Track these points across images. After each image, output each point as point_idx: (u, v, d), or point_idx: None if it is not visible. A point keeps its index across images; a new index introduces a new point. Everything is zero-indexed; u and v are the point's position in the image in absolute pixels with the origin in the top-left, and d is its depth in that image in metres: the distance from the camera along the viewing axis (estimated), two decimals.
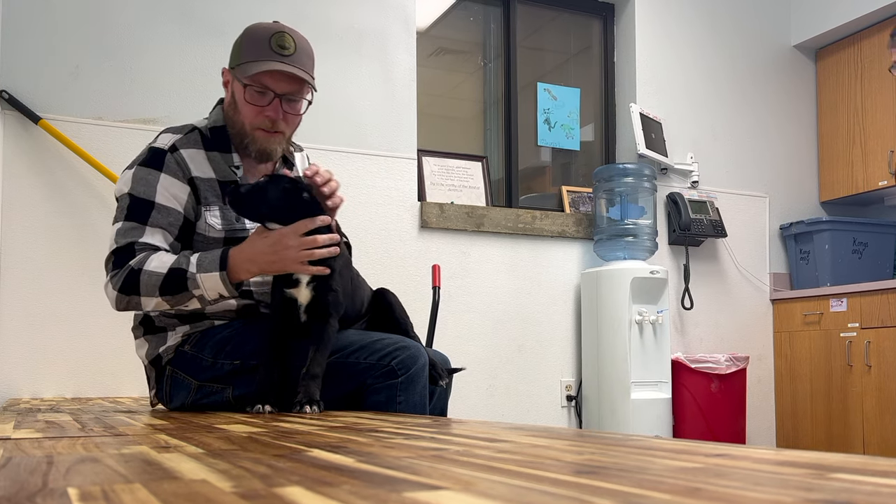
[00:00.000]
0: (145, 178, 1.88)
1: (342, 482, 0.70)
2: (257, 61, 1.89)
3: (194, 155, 1.94)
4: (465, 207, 3.84)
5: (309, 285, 1.82)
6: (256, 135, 1.94)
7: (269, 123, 1.94)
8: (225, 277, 1.77)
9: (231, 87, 1.97)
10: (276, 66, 1.88)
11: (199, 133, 1.98)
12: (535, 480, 0.69)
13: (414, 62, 3.82)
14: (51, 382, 3.06)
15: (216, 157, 1.97)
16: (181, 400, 1.94)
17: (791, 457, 0.84)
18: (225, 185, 1.93)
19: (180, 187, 1.89)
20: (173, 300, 1.80)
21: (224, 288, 1.78)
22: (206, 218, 1.91)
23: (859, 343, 3.98)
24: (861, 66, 4.45)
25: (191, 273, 1.78)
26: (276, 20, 2.01)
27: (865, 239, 4.44)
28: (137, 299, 1.81)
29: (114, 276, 1.82)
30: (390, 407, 1.87)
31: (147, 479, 0.73)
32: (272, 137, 1.96)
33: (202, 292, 1.78)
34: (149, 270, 1.78)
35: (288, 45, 1.91)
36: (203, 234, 1.91)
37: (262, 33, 1.92)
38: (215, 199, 1.93)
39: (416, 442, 1.06)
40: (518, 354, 3.91)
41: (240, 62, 1.92)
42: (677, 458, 0.84)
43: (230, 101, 1.98)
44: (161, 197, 1.86)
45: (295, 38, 1.94)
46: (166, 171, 1.88)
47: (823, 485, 0.64)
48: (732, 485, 0.64)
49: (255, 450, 0.98)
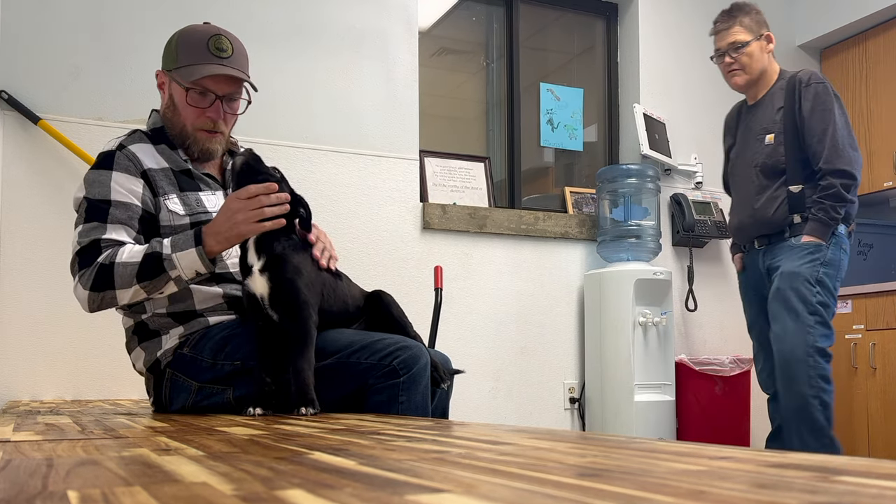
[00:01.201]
0: (98, 179, 1.91)
1: (344, 485, 0.70)
2: (198, 65, 1.93)
3: (143, 149, 1.97)
4: (468, 208, 3.82)
5: (263, 274, 1.79)
6: (198, 136, 1.99)
7: (211, 124, 1.99)
8: (202, 252, 1.80)
9: (168, 90, 2.01)
10: (218, 70, 1.93)
11: (141, 133, 2.02)
12: (537, 483, 0.69)
13: (416, 62, 3.81)
14: (50, 385, 3.05)
15: (165, 150, 2.01)
16: (181, 402, 1.94)
17: (796, 459, 0.83)
18: (179, 174, 1.98)
19: (134, 181, 1.91)
20: (150, 285, 1.82)
21: (201, 264, 1.81)
22: (167, 206, 1.93)
23: (864, 345, 3.96)
24: (866, 66, 4.43)
25: (166, 255, 1.80)
26: (209, 21, 2.07)
27: (870, 240, 4.42)
28: (112, 293, 1.82)
29: (82, 275, 1.84)
30: (392, 407, 1.86)
31: (147, 482, 0.73)
32: (214, 137, 2.02)
33: (179, 272, 1.81)
34: (122, 262, 1.80)
35: (225, 47, 1.96)
36: (169, 224, 1.93)
37: (199, 36, 1.96)
38: (171, 188, 1.95)
39: (417, 444, 1.05)
40: (521, 356, 3.89)
41: (177, 66, 1.96)
42: (681, 460, 0.84)
43: (168, 103, 2.01)
44: (116, 194, 1.88)
45: (231, 40, 2.00)
46: (117, 169, 1.91)
47: (828, 488, 0.64)
48: (737, 488, 0.64)
49: (256, 452, 0.98)
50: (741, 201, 3.16)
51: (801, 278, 2.89)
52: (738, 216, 3.18)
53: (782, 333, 2.92)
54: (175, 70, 1.96)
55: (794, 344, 2.87)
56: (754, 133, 3.11)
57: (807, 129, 2.95)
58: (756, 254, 3.13)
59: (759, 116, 3.12)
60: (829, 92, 2.98)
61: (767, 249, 3.07)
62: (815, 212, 2.93)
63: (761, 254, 3.10)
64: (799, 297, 2.89)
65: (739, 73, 3.08)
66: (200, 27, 2.00)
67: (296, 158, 3.46)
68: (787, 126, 3.00)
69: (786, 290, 2.91)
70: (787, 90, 3.04)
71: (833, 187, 2.90)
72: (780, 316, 2.93)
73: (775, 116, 3.05)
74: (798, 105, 2.98)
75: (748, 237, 3.14)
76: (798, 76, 3.04)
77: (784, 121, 3.01)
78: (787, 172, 2.99)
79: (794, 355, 2.86)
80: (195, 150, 2.00)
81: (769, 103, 3.09)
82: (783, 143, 3.00)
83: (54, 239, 3.07)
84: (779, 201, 3.00)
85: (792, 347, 2.87)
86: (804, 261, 2.91)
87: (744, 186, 3.13)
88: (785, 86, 3.06)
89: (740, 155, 3.18)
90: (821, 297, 2.89)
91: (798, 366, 2.85)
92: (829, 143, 2.92)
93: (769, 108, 3.09)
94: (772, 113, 3.07)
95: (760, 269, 3.11)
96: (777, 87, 3.10)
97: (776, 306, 2.95)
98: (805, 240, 2.92)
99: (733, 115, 3.32)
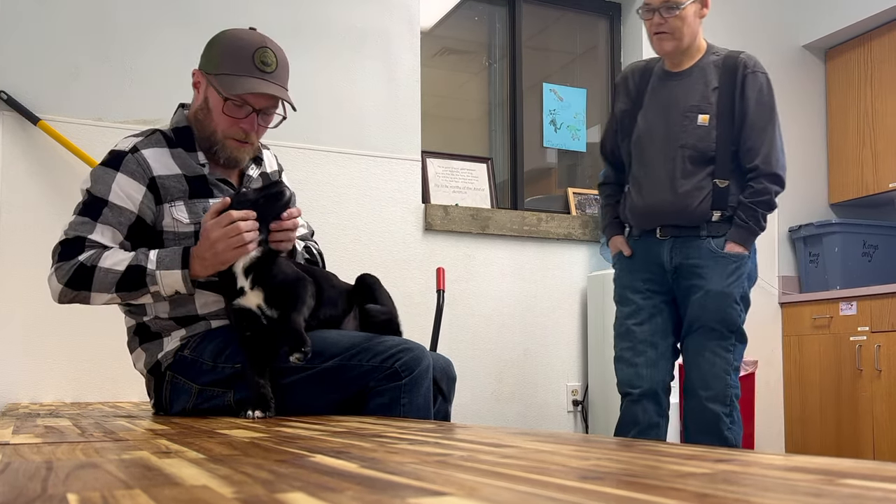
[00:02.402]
0: (102, 176, 1.90)
1: (345, 488, 0.69)
2: (240, 77, 1.90)
3: (157, 154, 1.94)
4: (470, 209, 3.80)
5: (255, 289, 1.83)
6: (228, 143, 1.97)
7: (243, 135, 1.96)
8: (186, 276, 1.81)
9: (204, 92, 1.97)
10: (261, 88, 1.90)
11: (160, 134, 1.99)
12: (540, 486, 0.68)
13: (418, 62, 3.79)
14: (50, 387, 3.04)
15: (181, 154, 1.98)
16: (182, 405, 1.93)
17: (800, 462, 0.83)
18: (192, 179, 1.95)
19: (136, 188, 1.89)
20: (127, 296, 1.84)
21: (183, 286, 1.82)
22: (171, 213, 1.91)
23: (869, 347, 3.94)
24: (871, 66, 4.41)
25: (150, 270, 1.81)
26: (254, 27, 2.02)
27: (876, 241, 4.40)
28: (87, 294, 1.83)
29: (59, 268, 1.84)
30: (394, 409, 1.86)
31: (147, 485, 0.73)
32: (243, 147, 1.99)
33: (159, 289, 1.82)
34: (104, 268, 1.81)
35: (270, 61, 1.93)
36: (173, 231, 1.92)
37: (244, 45, 1.92)
38: (181, 195, 1.93)
39: (420, 447, 1.05)
40: (523, 358, 3.87)
41: (219, 72, 1.92)
42: (685, 463, 0.84)
43: (201, 105, 1.98)
44: (114, 196, 1.88)
45: (276, 53, 1.95)
46: (123, 171, 1.90)
47: (833, 491, 0.63)
48: (741, 491, 0.64)
49: (256, 455, 0.97)
50: (656, 182, 2.69)
51: (731, 299, 2.61)
52: (649, 198, 2.70)
53: (711, 356, 2.62)
54: (216, 76, 1.92)
55: (718, 366, 2.62)
56: (681, 108, 2.67)
57: (748, 121, 2.63)
58: (658, 244, 2.70)
59: (685, 90, 2.69)
60: (771, 86, 2.70)
61: (676, 243, 2.67)
62: (744, 217, 2.62)
63: (667, 246, 2.68)
64: (728, 321, 2.62)
65: (668, 38, 2.64)
66: (247, 35, 1.96)
67: (297, 159, 3.44)
68: (723, 111, 2.64)
69: (715, 311, 2.61)
70: (726, 70, 2.66)
71: (767, 193, 2.64)
72: (707, 338, 2.63)
73: (709, 96, 2.66)
74: (741, 92, 2.64)
75: (654, 223, 2.70)
76: (741, 59, 2.67)
77: (720, 104, 2.64)
78: (717, 163, 2.63)
79: (715, 374, 2.61)
80: (222, 157, 1.98)
81: (699, 78, 2.69)
82: (716, 129, 2.63)
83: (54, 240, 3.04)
84: (704, 193, 2.63)
85: (715, 369, 2.61)
86: (732, 278, 2.62)
87: (662, 166, 2.68)
88: (721, 64, 2.68)
89: (655, 127, 2.71)
90: (744, 315, 2.68)
91: (717, 383, 2.61)
92: (769, 142, 2.65)
93: (699, 83, 2.68)
94: (704, 90, 2.67)
95: (665, 262, 2.69)
96: (708, 62, 2.70)
97: (703, 330, 2.63)
98: (730, 248, 2.62)
99: (637, 73, 2.82)
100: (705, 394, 2.61)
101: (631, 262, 2.76)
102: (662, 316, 2.72)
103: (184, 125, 2.01)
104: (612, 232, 2.85)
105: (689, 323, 2.67)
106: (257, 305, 1.83)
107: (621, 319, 2.76)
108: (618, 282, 2.82)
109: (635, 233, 2.76)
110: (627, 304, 2.75)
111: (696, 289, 2.63)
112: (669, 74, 2.74)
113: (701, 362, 2.63)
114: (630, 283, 2.76)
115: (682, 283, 2.67)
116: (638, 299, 2.72)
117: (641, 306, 2.71)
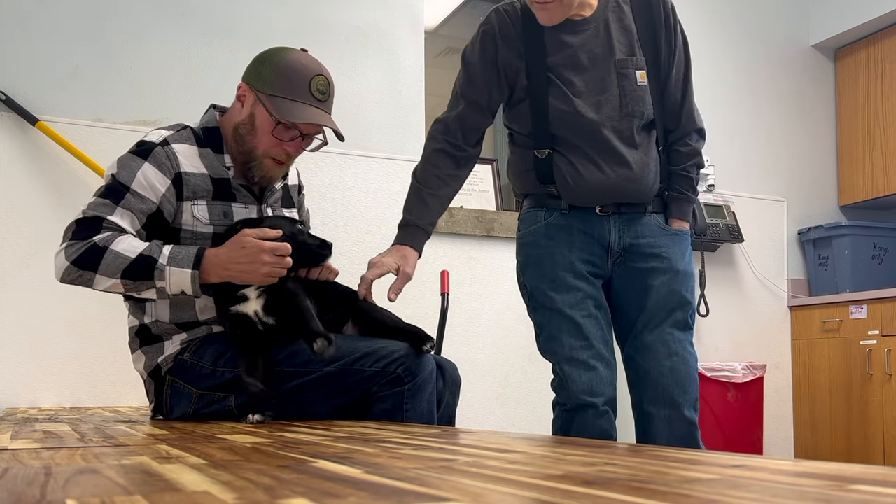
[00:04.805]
0: (129, 164, 1.88)
1: (348, 494, 0.69)
2: (297, 103, 1.91)
3: (186, 150, 1.94)
4: (475, 212, 3.77)
5: (259, 298, 1.86)
6: (266, 162, 1.97)
7: (285, 157, 1.98)
8: (196, 276, 1.78)
9: (251, 108, 1.95)
10: (319, 119, 1.92)
11: (191, 131, 1.99)
12: (547, 492, 0.68)
13: (422, 62, 3.76)
14: (49, 391, 3.01)
15: (209, 154, 1.97)
16: (182, 410, 1.92)
17: (810, 468, 0.83)
18: (217, 181, 1.95)
19: (161, 180, 1.88)
20: (131, 285, 1.79)
21: (190, 286, 1.79)
22: (192, 211, 1.90)
23: (880, 351, 3.91)
24: (882, 66, 4.37)
25: (161, 264, 1.77)
26: (305, 48, 2.03)
27: (886, 244, 4.37)
28: (91, 276, 1.78)
29: (71, 245, 1.80)
30: (397, 415, 1.85)
31: (148, 491, 0.72)
32: (280, 167, 2.00)
33: (165, 285, 1.78)
34: (115, 251, 1.77)
35: (325, 89, 1.96)
36: (191, 229, 1.91)
37: (302, 71, 1.93)
38: (205, 194, 1.93)
39: (424, 452, 1.05)
40: (528, 363, 3.83)
41: (273, 93, 1.91)
42: (693, 469, 0.84)
43: (246, 121, 1.96)
44: (137, 184, 1.86)
45: (329, 79, 1.98)
46: (151, 161, 1.88)
47: (843, 496, 0.63)
48: (750, 496, 0.64)
49: (258, 461, 0.97)
50: (602, 155, 2.08)
51: (693, 280, 2.21)
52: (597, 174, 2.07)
53: (683, 353, 2.14)
54: (269, 96, 1.91)
55: (691, 365, 2.15)
56: (611, 65, 2.08)
57: (676, 69, 2.15)
58: (599, 220, 2.11)
59: (602, 39, 2.09)
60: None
61: (622, 220, 2.12)
62: (682, 187, 2.19)
63: (612, 223, 2.12)
64: (690, 308, 2.18)
65: (556, 6, 1.99)
66: (303, 59, 1.96)
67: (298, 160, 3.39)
68: (650, 61, 2.12)
69: (681, 295, 2.15)
70: (639, 3, 2.13)
71: (697, 154, 2.19)
72: (676, 328, 2.15)
73: (633, 44, 2.11)
74: (672, 33, 2.14)
75: (600, 201, 2.11)
76: None
77: (645, 52, 2.11)
78: (657, 126, 2.15)
79: (690, 376, 2.14)
80: (257, 175, 1.98)
81: (616, 22, 2.11)
82: (649, 84, 2.11)
83: (53, 243, 3.01)
84: (653, 165, 2.13)
85: (689, 370, 2.14)
86: (687, 255, 2.21)
87: (607, 138, 2.07)
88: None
89: (588, 91, 2.07)
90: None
91: (693, 387, 2.15)
92: (691, 91, 2.20)
93: (617, 28, 2.11)
94: (627, 37, 2.11)
95: (611, 242, 2.12)
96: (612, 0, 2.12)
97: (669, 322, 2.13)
98: (678, 225, 2.19)
99: (517, 21, 2.11)
100: (683, 401, 2.13)
101: (569, 236, 2.11)
102: (604, 308, 2.15)
103: (213, 126, 2.00)
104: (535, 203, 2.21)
105: (651, 312, 2.13)
106: (254, 311, 1.84)
107: (562, 309, 2.09)
108: (547, 260, 2.12)
109: (564, 207, 2.12)
110: (568, 290, 2.10)
111: (657, 272, 2.13)
112: (570, 22, 2.08)
113: (676, 363, 2.11)
114: (570, 264, 2.10)
115: (634, 267, 2.13)
116: (583, 285, 2.10)
117: (588, 294, 2.11)
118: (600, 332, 2.11)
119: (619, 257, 2.14)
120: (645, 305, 2.14)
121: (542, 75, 2.10)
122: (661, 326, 2.14)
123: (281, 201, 2.12)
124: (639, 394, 2.16)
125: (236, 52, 3.35)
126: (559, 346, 2.12)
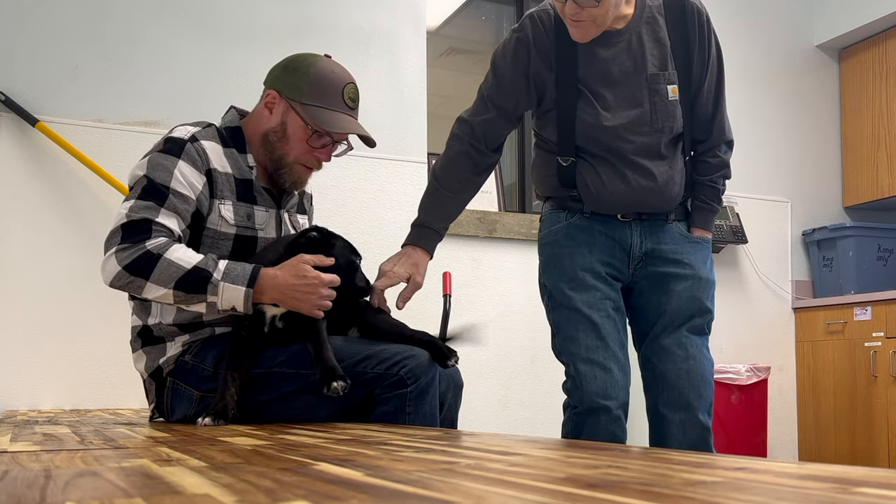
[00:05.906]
0: (162, 163, 1.85)
1: (350, 497, 0.69)
2: (332, 112, 1.95)
3: (213, 147, 1.93)
4: (477, 213, 3.75)
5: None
6: (296, 168, 1.98)
7: (317, 164, 2.01)
8: (250, 295, 1.76)
9: (282, 116, 1.96)
10: (354, 129, 1.97)
11: (215, 129, 1.98)
12: (549, 495, 0.68)
13: (424, 62, 3.75)
14: (49, 393, 2.99)
15: (233, 154, 1.97)
16: (183, 412, 1.91)
17: (814, 470, 0.83)
18: (240, 182, 1.95)
19: (197, 177, 1.87)
20: (183, 297, 1.76)
21: (243, 304, 1.77)
22: (219, 210, 1.89)
23: (884, 353, 3.90)
24: (886, 66, 4.36)
25: (215, 279, 1.75)
26: (329, 54, 2.04)
27: (891, 245, 4.36)
28: (142, 283, 1.74)
29: (123, 249, 1.74)
30: (399, 417, 1.84)
31: (148, 494, 0.72)
32: (309, 173, 2.03)
33: (217, 300, 1.76)
34: (170, 259, 1.73)
35: (355, 97, 2.00)
36: (215, 229, 1.89)
37: (335, 80, 1.96)
38: (230, 194, 1.92)
39: (426, 455, 1.05)
40: (531, 364, 3.81)
41: (307, 102, 1.93)
42: (696, 471, 0.84)
43: (276, 128, 1.96)
44: (177, 183, 1.83)
45: (357, 87, 2.02)
46: (184, 159, 1.86)
47: (847, 499, 0.63)
48: (754, 499, 0.64)
49: (259, 463, 0.97)
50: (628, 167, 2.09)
51: (713, 289, 2.20)
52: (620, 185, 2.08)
53: (701, 358, 2.13)
54: (302, 105, 1.93)
55: (708, 370, 2.15)
56: (643, 80, 2.07)
57: (709, 82, 2.13)
58: (622, 226, 2.13)
59: (635, 52, 2.06)
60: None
61: (644, 227, 2.14)
62: (707, 197, 2.19)
63: (634, 229, 2.13)
64: (709, 315, 2.17)
65: (590, 26, 1.99)
66: (334, 68, 1.98)
67: None
68: (682, 72, 2.10)
69: (701, 301, 2.14)
70: (674, 15, 2.10)
71: (725, 165, 2.19)
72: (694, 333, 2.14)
73: (666, 58, 2.08)
74: (706, 46, 2.11)
75: (621, 210, 2.13)
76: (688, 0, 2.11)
77: (678, 65, 2.09)
78: (685, 137, 2.14)
79: (707, 381, 2.13)
80: (287, 181, 1.99)
81: (650, 34, 2.09)
82: (679, 98, 2.11)
83: (53, 244, 3.02)
84: (678, 176, 2.14)
85: (706, 374, 2.14)
86: (710, 264, 2.20)
87: (634, 152, 2.07)
88: (664, 10, 2.10)
89: (618, 105, 2.06)
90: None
91: (709, 392, 2.14)
92: (723, 103, 2.18)
93: (650, 41, 2.08)
94: (660, 50, 2.08)
95: (633, 246, 2.13)
96: (647, 12, 2.09)
97: (687, 326, 2.13)
98: (700, 234, 2.19)
99: (551, 30, 2.09)
100: (698, 404, 2.12)
101: (590, 237, 2.13)
102: (622, 311, 2.18)
103: (236, 126, 2.00)
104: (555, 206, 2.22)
105: (670, 317, 2.13)
106: (273, 315, 1.85)
107: (580, 308, 2.10)
108: (567, 259, 2.14)
109: (586, 210, 2.15)
110: (587, 289, 2.11)
111: (679, 277, 2.13)
112: (606, 35, 2.06)
113: (692, 366, 2.12)
114: (590, 264, 2.12)
115: (655, 271, 2.14)
116: (601, 286, 2.12)
117: (607, 295, 2.12)
118: (617, 334, 2.11)
119: (640, 261, 2.15)
120: (665, 309, 2.14)
121: (572, 87, 2.09)
122: (679, 330, 2.14)
123: (296, 207, 2.13)
124: (654, 396, 2.17)
125: (237, 52, 3.34)
126: (575, 346, 2.11)
